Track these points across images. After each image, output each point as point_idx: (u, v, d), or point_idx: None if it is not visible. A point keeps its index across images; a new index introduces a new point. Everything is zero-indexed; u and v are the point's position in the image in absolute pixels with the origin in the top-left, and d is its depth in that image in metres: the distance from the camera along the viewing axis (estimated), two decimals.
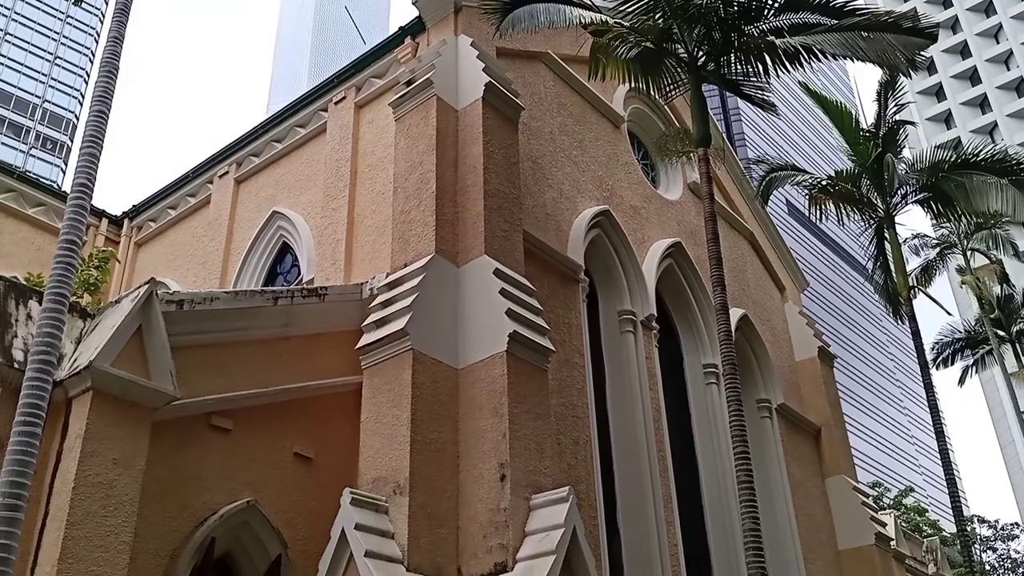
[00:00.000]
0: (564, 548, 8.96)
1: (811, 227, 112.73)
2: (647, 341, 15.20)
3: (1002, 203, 16.73)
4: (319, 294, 10.69)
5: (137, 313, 7.98)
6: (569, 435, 12.39)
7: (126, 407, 7.67)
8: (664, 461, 14.32)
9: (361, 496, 9.15)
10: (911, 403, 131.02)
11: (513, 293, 10.83)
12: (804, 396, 19.65)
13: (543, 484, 9.88)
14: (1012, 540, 50.71)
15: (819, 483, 18.68)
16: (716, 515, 15.36)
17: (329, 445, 10.19)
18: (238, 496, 9.01)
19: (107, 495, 7.29)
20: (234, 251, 15.95)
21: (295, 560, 9.25)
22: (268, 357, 9.90)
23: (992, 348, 29.06)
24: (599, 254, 15.09)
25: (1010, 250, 28.35)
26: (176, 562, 8.23)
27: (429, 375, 10.07)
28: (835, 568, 17.74)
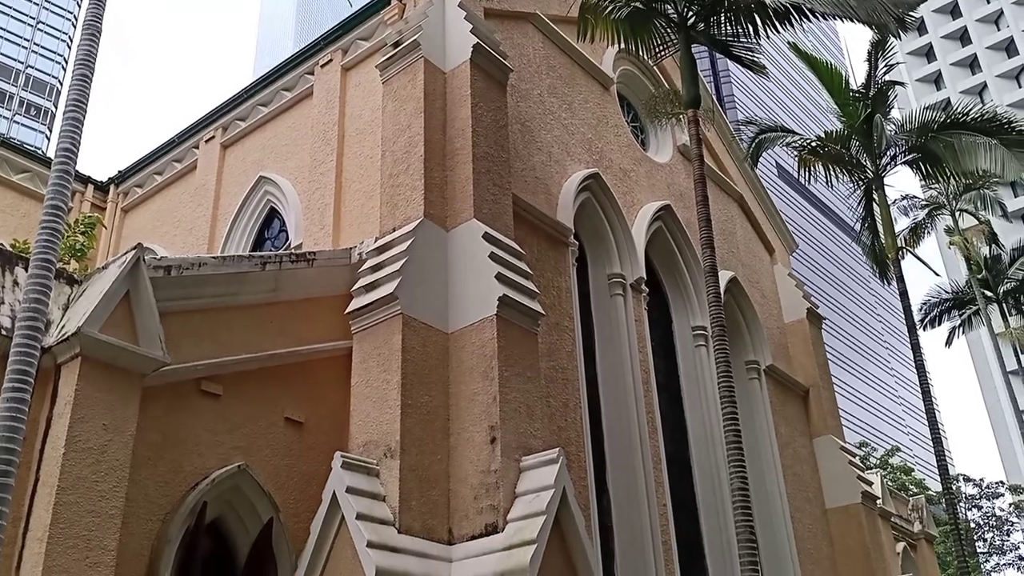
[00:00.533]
0: (554, 509, 9.03)
1: (800, 190, 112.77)
2: (636, 304, 15.23)
3: (991, 163, 16.75)
4: (307, 259, 10.65)
5: (124, 279, 7.94)
6: (559, 398, 12.45)
7: (115, 373, 7.65)
8: (653, 422, 14.42)
9: (352, 459, 9.20)
10: (898, 364, 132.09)
11: (502, 257, 10.81)
12: (792, 357, 19.78)
13: (533, 446, 9.94)
14: (997, 498, 51.37)
15: (807, 443, 18.87)
16: (705, 475, 15.50)
17: (320, 409, 10.22)
18: (229, 461, 9.04)
19: (98, 460, 7.30)
20: (221, 216, 15.86)
21: (287, 523, 9.30)
22: (257, 322, 9.88)
23: (979, 308, 29.26)
24: (588, 217, 15.07)
25: (998, 210, 28.45)
26: (168, 526, 8.26)
27: (419, 339, 10.08)
28: (822, 526, 17.97)
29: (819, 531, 17.80)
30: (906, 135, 18.85)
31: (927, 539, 26.55)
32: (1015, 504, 50.84)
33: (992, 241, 29.83)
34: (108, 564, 7.12)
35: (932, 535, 27.05)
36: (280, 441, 9.67)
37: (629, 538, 12.96)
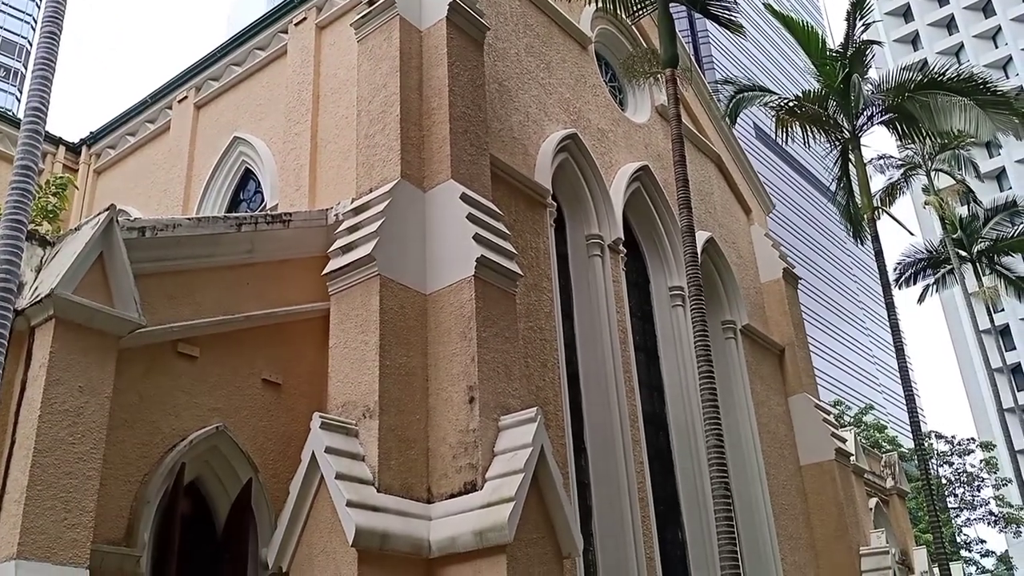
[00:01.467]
0: (532, 466, 9.11)
1: (778, 151, 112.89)
2: (614, 264, 15.28)
3: (966, 123, 16.83)
4: (283, 220, 10.57)
5: (98, 240, 7.85)
6: (537, 358, 12.51)
7: (90, 335, 7.60)
8: (631, 382, 14.53)
9: (331, 420, 9.22)
10: (873, 323, 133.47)
11: (480, 218, 10.79)
12: (768, 317, 19.95)
13: (511, 405, 10.01)
14: (968, 455, 52.32)
15: (782, 401, 19.10)
16: (681, 433, 15.68)
17: (298, 371, 10.22)
18: (207, 422, 9.04)
19: (74, 422, 7.28)
20: (196, 178, 15.69)
21: (266, 483, 9.34)
22: (233, 284, 9.83)
23: (953, 268, 29.57)
24: (567, 178, 15.04)
25: (972, 171, 28.65)
26: (146, 487, 8.28)
27: (397, 300, 10.07)
28: (796, 482, 18.26)
29: (793, 487, 18.09)
30: (883, 95, 18.88)
31: (899, 495, 27.06)
32: (985, 461, 51.82)
33: (969, 200, 30.06)
34: (86, 525, 7.13)
35: (904, 491, 27.56)
36: (258, 402, 9.67)
37: (606, 494, 13.11)
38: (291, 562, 8.86)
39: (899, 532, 25.79)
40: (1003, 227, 31.41)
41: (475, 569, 8.70)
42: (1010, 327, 68.26)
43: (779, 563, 16.47)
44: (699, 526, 14.88)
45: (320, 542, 8.67)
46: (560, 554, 9.34)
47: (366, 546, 8.37)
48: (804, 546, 17.60)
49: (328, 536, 8.61)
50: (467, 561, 8.78)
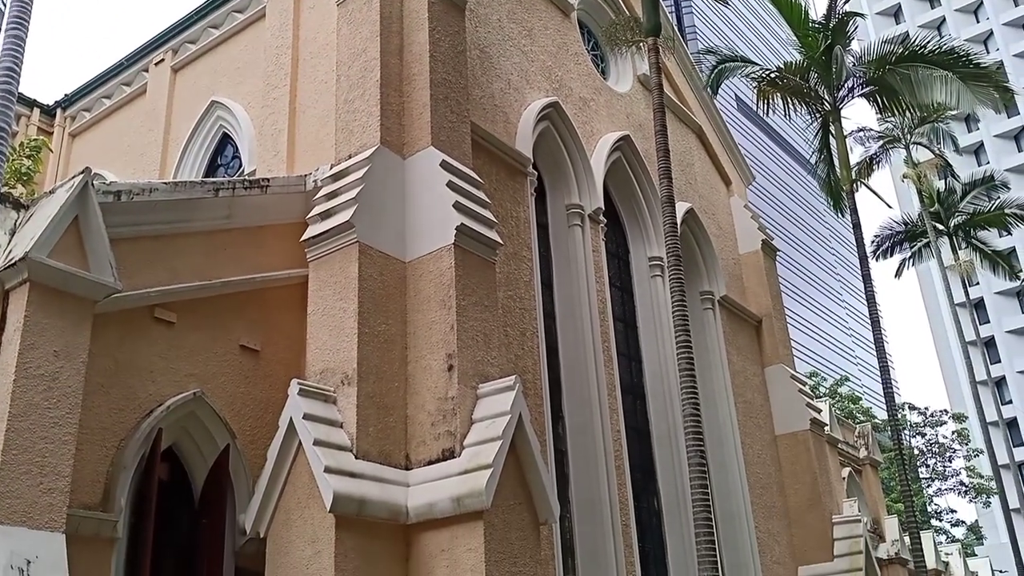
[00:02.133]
0: (510, 434, 9.15)
1: (759, 122, 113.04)
2: (594, 235, 15.28)
3: (946, 95, 16.90)
4: (261, 185, 10.48)
5: (73, 203, 7.75)
6: (516, 327, 12.53)
7: (65, 299, 7.53)
8: (609, 351, 14.60)
9: (309, 387, 9.21)
10: (850, 296, 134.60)
11: (460, 185, 10.74)
12: (747, 288, 20.06)
13: (490, 374, 10.03)
14: (940, 426, 53.10)
15: (758, 372, 19.26)
16: (658, 402, 15.80)
17: (276, 337, 10.19)
18: (184, 388, 9.01)
19: (49, 387, 7.22)
20: (172, 142, 15.51)
21: (244, 449, 9.34)
22: (211, 249, 9.76)
23: (930, 241, 29.82)
24: (548, 147, 14.99)
25: (951, 145, 28.81)
26: (123, 452, 8.26)
27: (376, 268, 10.04)
28: (771, 451, 18.46)
29: (768, 456, 18.29)
30: (864, 67, 18.92)
31: (872, 465, 27.46)
32: (957, 432, 52.61)
33: (948, 174, 30.26)
34: (63, 490, 7.11)
35: (877, 461, 27.96)
36: (236, 368, 9.64)
37: (583, 462, 13.21)
38: (269, 527, 8.88)
39: (871, 501, 26.20)
40: (980, 201, 31.69)
41: (452, 535, 8.76)
42: (984, 301, 69.07)
43: (753, 531, 16.69)
44: (674, 494, 15.04)
45: (298, 508, 8.69)
46: (537, 520, 9.42)
47: (344, 512, 8.40)
48: (778, 514, 17.84)
49: (306, 502, 8.63)
50: (445, 527, 8.83)
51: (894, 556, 24.36)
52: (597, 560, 12.67)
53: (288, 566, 8.56)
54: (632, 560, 13.23)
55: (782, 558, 17.39)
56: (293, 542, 8.62)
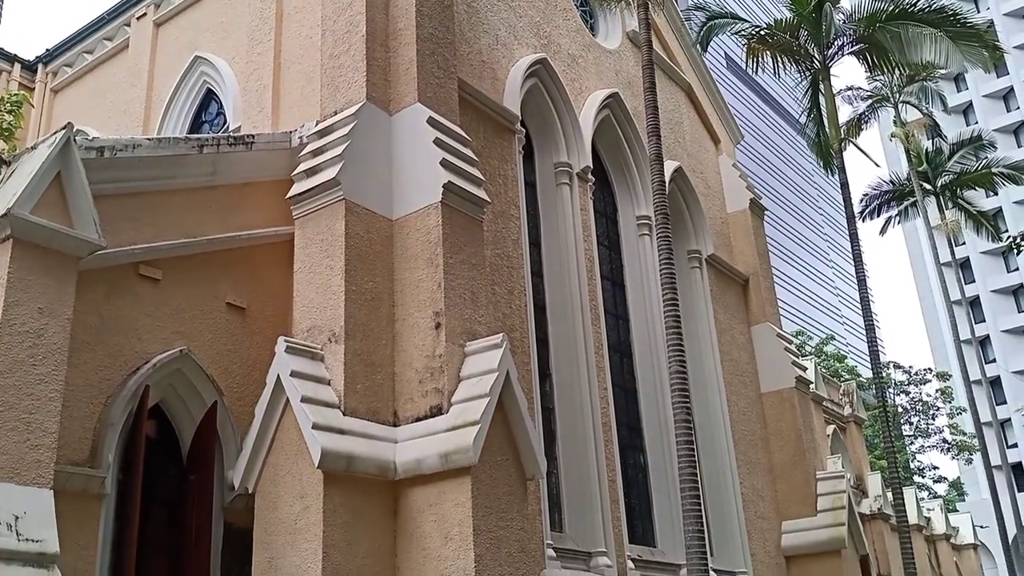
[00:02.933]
0: (497, 391, 9.19)
1: (748, 82, 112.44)
2: (582, 193, 15.23)
3: (935, 54, 16.84)
4: (246, 142, 10.38)
5: (55, 159, 7.66)
6: (504, 285, 12.53)
7: (49, 256, 7.47)
8: (596, 310, 14.63)
9: (296, 344, 9.21)
10: (836, 256, 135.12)
11: (447, 143, 10.66)
12: (734, 247, 20.09)
13: (478, 332, 10.04)
14: (924, 384, 53.63)
15: (745, 330, 19.37)
16: (645, 361, 15.88)
17: (262, 295, 10.16)
18: (171, 345, 9.00)
19: (35, 344, 7.20)
20: (156, 98, 15.30)
21: (231, 407, 9.37)
22: (196, 206, 9.69)
23: (917, 200, 29.88)
24: (536, 104, 14.88)
25: (939, 104, 28.75)
26: (110, 410, 8.26)
27: (363, 225, 9.99)
28: (756, 409, 18.63)
29: (753, 413, 18.46)
30: (854, 25, 18.81)
31: (856, 422, 27.75)
32: (941, 390, 53.16)
33: (935, 134, 30.23)
34: (49, 446, 7.11)
35: (861, 418, 28.26)
36: (222, 326, 9.63)
37: (571, 420, 13.30)
38: (257, 483, 8.93)
39: (855, 458, 26.52)
40: (967, 161, 31.71)
41: (440, 490, 8.83)
42: (970, 260, 69.45)
43: (738, 487, 16.89)
44: (660, 450, 15.19)
45: (286, 464, 8.73)
46: (524, 476, 9.50)
47: (332, 468, 8.44)
48: (762, 470, 18.04)
49: (294, 458, 8.67)
50: (432, 483, 8.90)
51: (876, 511, 24.73)
52: (584, 514, 12.81)
53: (276, 521, 8.62)
54: (618, 515, 13.39)
55: (766, 513, 17.62)
56: (281, 498, 8.67)
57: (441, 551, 8.63)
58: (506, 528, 8.94)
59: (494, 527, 8.78)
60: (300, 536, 8.38)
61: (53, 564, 6.80)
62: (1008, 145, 64.14)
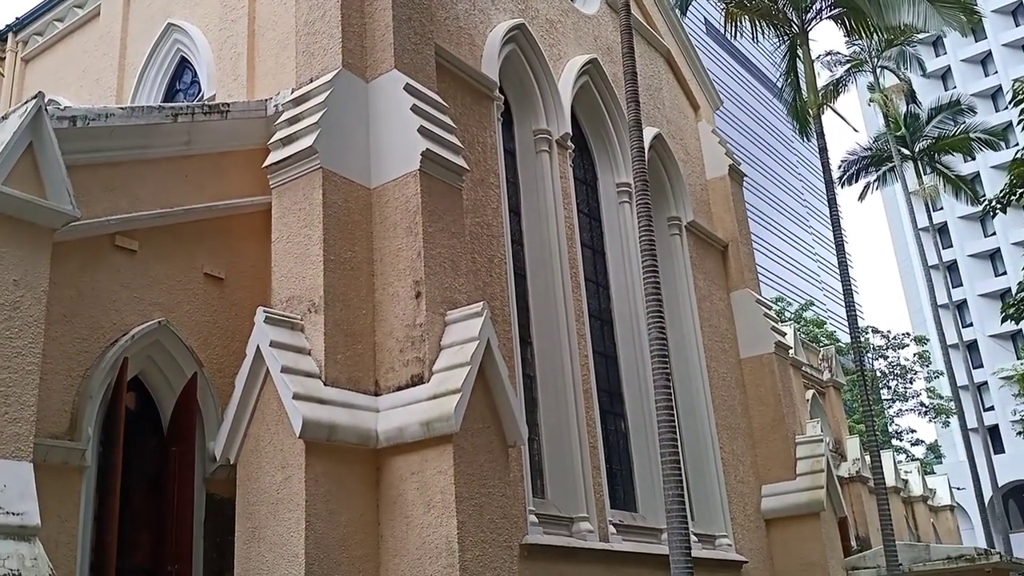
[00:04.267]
0: (478, 359, 9.20)
1: (728, 48, 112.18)
2: (562, 161, 15.18)
3: (913, 17, 16.81)
4: (221, 111, 10.26)
5: (27, 129, 7.54)
6: (484, 254, 12.51)
7: (22, 227, 7.37)
8: (577, 278, 14.65)
9: (275, 315, 9.17)
10: (816, 222, 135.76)
11: (425, 110, 10.58)
12: (713, 213, 20.12)
13: (458, 300, 10.03)
14: (902, 349, 54.22)
15: (724, 297, 19.45)
16: (625, 328, 15.94)
17: (240, 265, 10.10)
18: (149, 317, 8.95)
19: (10, 316, 7.12)
20: (129, 67, 15.07)
21: (211, 378, 9.34)
22: (171, 177, 9.59)
23: (895, 166, 30.02)
24: (514, 71, 14.77)
25: (918, 69, 28.80)
26: (88, 382, 8.21)
27: (341, 194, 9.92)
28: (736, 374, 18.76)
29: (733, 379, 18.60)
30: None
31: (835, 387, 28.07)
32: (919, 354, 53.76)
33: (911, 99, 30.33)
34: (28, 419, 7.06)
35: (840, 383, 28.58)
36: (200, 297, 9.57)
37: (552, 387, 13.36)
38: (239, 454, 8.93)
39: (833, 422, 26.85)
40: (946, 126, 31.86)
41: (422, 458, 8.86)
42: (948, 225, 70.00)
43: (718, 451, 17.05)
44: (641, 416, 15.29)
45: (267, 434, 8.73)
46: (505, 443, 9.54)
47: (313, 437, 8.45)
48: (742, 435, 18.22)
49: (275, 428, 8.67)
50: (414, 451, 8.93)
51: (855, 474, 25.10)
52: (565, 480, 12.91)
53: (259, 491, 8.64)
54: (600, 480, 13.50)
55: (746, 477, 17.82)
56: (263, 468, 8.67)
57: (424, 518, 8.68)
58: (488, 495, 9.00)
59: (476, 494, 8.83)
60: (282, 506, 8.40)
61: (34, 536, 6.78)
62: (986, 110, 64.39)
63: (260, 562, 8.39)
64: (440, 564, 8.44)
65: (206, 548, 9.02)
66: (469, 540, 8.55)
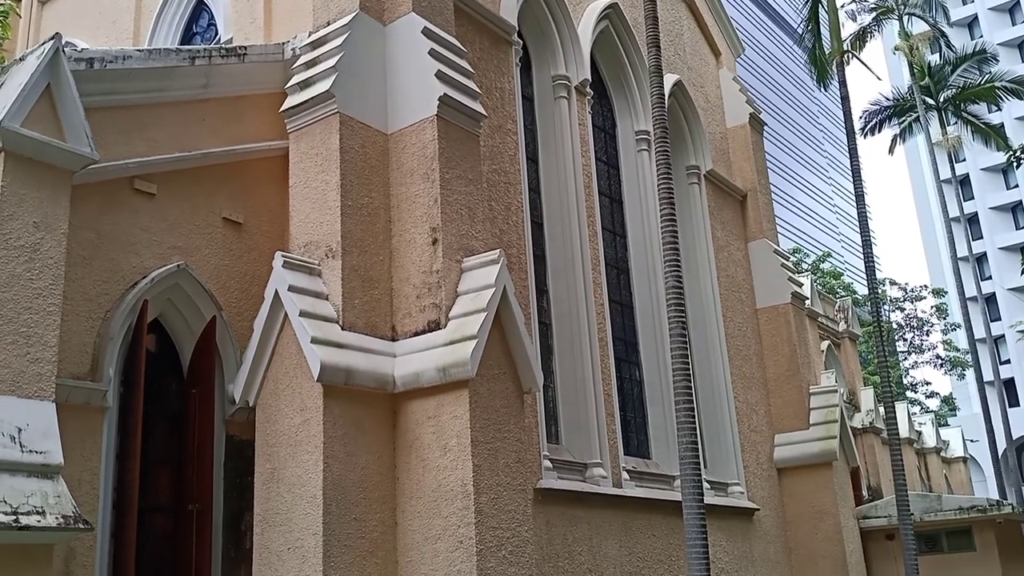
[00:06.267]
0: (494, 306, 9.22)
1: None
2: (580, 107, 15.04)
3: None
4: (238, 54, 10.18)
5: (44, 70, 7.52)
6: (501, 201, 12.47)
7: (42, 169, 7.39)
8: (593, 226, 14.60)
9: (293, 259, 9.20)
10: (836, 173, 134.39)
11: (443, 54, 10.47)
12: (732, 162, 19.95)
13: (475, 248, 10.03)
14: (919, 301, 53.93)
15: (742, 247, 19.38)
16: (641, 276, 15.92)
17: (259, 210, 10.11)
18: (168, 260, 8.99)
19: (31, 258, 7.18)
20: (145, 9, 14.97)
21: (230, 321, 9.40)
22: (189, 120, 9.56)
23: (919, 116, 29.58)
24: (533, 15, 14.58)
25: (944, 17, 28.21)
26: (109, 324, 8.29)
27: (358, 139, 9.88)
28: (752, 324, 18.76)
29: (749, 329, 18.59)
30: None
31: (850, 338, 28.01)
32: (936, 307, 53.49)
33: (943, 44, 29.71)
34: (50, 360, 7.15)
35: (855, 334, 28.52)
36: (219, 241, 9.60)
37: (567, 334, 13.40)
38: (258, 397, 9.03)
39: (848, 373, 26.86)
40: (970, 75, 31.28)
41: (439, 403, 8.94)
42: (970, 177, 69.15)
43: (732, 400, 17.12)
44: (656, 365, 15.34)
45: (286, 378, 8.81)
46: (521, 389, 9.60)
47: (331, 381, 8.53)
48: (757, 385, 18.27)
49: (293, 372, 8.75)
50: (431, 396, 9.00)
51: (868, 425, 25.17)
52: (579, 427, 13.01)
53: (278, 434, 8.75)
54: (614, 427, 13.60)
55: (759, 426, 17.91)
56: (282, 411, 8.78)
57: (440, 461, 8.78)
58: (503, 439, 9.09)
59: (491, 438, 8.92)
60: (301, 448, 8.51)
61: (57, 475, 6.92)
62: (1012, 59, 63.23)
63: (279, 502, 8.54)
64: (456, 506, 8.56)
65: (226, 488, 9.16)
66: (484, 483, 8.66)
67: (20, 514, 6.45)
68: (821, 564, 17.15)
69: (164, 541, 8.83)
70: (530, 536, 9.20)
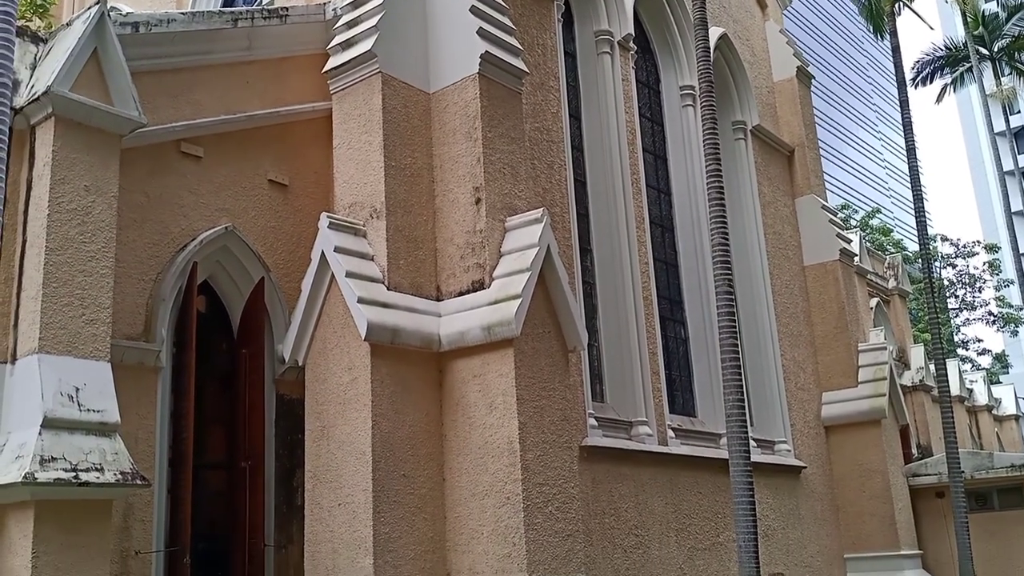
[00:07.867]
0: (538, 265, 9.22)
1: None
2: (624, 63, 14.85)
3: None
4: (280, 15, 10.19)
5: (91, 35, 7.59)
6: (544, 159, 12.40)
7: (91, 133, 7.50)
8: (638, 184, 14.48)
9: (338, 220, 9.26)
10: (885, 127, 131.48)
11: (484, 11, 10.37)
12: (779, 117, 19.60)
13: (518, 207, 10.01)
14: (972, 257, 52.82)
15: (789, 203, 19.10)
16: (687, 234, 15.79)
17: (303, 171, 10.18)
18: (216, 222, 9.11)
19: (83, 221, 7.31)
20: None
21: (278, 283, 9.52)
22: (233, 82, 9.62)
23: (972, 66, 28.76)
24: None
25: None
26: (160, 285, 8.45)
27: (400, 99, 9.87)
28: (799, 282, 18.55)
29: (796, 286, 18.39)
30: None
31: (900, 295, 27.58)
32: (989, 263, 52.37)
33: None
34: (104, 321, 7.31)
35: (905, 291, 28.07)
36: (265, 203, 9.70)
37: (611, 293, 13.36)
38: (307, 356, 9.15)
39: (898, 331, 26.48)
40: None
41: (484, 361, 8.99)
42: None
43: (779, 358, 16.99)
44: (701, 323, 15.26)
45: (334, 337, 8.92)
46: (565, 348, 9.62)
47: (378, 340, 8.61)
48: (804, 343, 18.10)
49: (341, 331, 8.85)
50: (476, 354, 9.06)
51: (918, 383, 24.83)
52: (624, 385, 13.01)
53: (327, 392, 8.88)
54: (659, 385, 13.58)
55: (806, 384, 17.77)
56: (331, 369, 8.89)
57: (486, 419, 8.85)
58: (548, 397, 9.13)
59: (537, 396, 8.97)
60: (350, 406, 8.63)
61: (115, 433, 7.10)
62: None
63: (330, 459, 8.69)
64: (502, 463, 8.64)
65: (277, 445, 9.36)
66: (530, 440, 8.72)
67: (80, 471, 6.64)
68: (869, 522, 17.07)
69: (218, 497, 9.06)
70: (576, 492, 9.27)
